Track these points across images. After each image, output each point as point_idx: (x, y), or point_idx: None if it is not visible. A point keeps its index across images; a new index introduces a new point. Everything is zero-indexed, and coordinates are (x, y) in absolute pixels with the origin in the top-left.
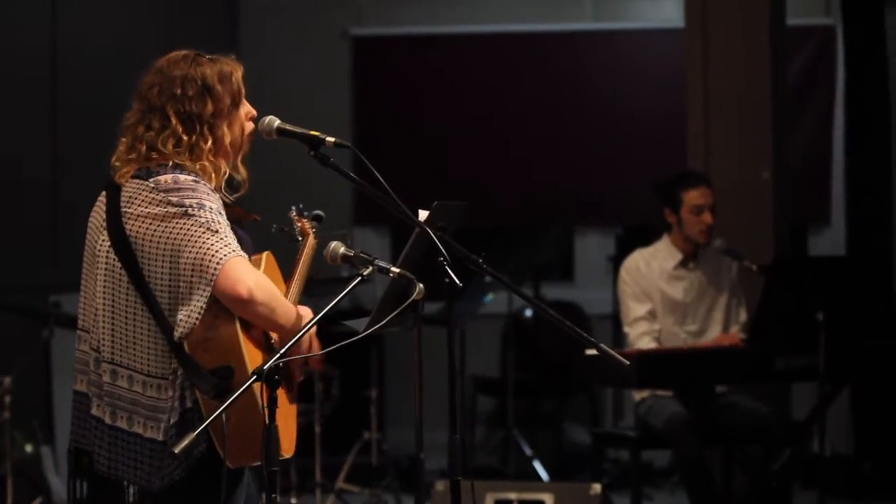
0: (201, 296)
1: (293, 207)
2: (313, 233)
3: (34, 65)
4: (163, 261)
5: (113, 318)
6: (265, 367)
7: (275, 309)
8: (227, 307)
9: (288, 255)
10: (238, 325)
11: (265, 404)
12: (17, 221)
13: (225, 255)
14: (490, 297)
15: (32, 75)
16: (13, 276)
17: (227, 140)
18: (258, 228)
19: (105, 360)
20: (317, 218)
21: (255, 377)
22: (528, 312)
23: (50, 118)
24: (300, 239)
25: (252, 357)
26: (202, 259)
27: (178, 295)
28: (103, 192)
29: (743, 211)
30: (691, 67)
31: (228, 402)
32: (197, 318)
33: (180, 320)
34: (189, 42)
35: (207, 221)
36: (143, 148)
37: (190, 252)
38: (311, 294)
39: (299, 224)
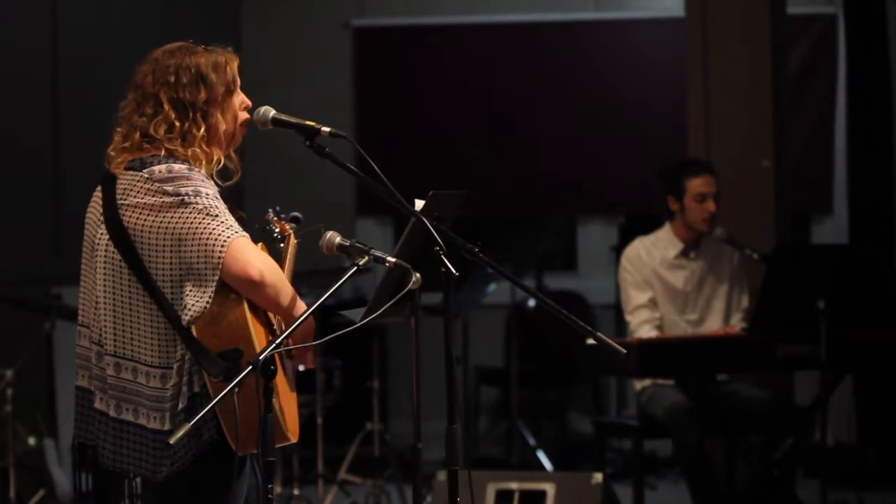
0: (210, 280)
1: (270, 210)
2: (293, 232)
3: (35, 54)
4: (164, 251)
5: (115, 310)
6: (261, 357)
7: (280, 290)
8: (235, 290)
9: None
10: (246, 307)
11: (261, 394)
12: (18, 213)
13: (228, 237)
14: (493, 286)
15: (34, 65)
16: (15, 269)
17: (221, 128)
18: (243, 225)
19: (108, 353)
20: (294, 220)
21: (250, 367)
22: (532, 302)
23: (52, 109)
24: (279, 237)
25: (260, 339)
26: (206, 244)
27: (182, 283)
28: (99, 186)
29: (744, 199)
30: (692, 57)
31: (223, 393)
32: (207, 303)
33: (190, 305)
34: (191, 33)
35: (206, 207)
36: (137, 135)
37: (193, 239)
38: (314, 285)
39: (278, 226)
